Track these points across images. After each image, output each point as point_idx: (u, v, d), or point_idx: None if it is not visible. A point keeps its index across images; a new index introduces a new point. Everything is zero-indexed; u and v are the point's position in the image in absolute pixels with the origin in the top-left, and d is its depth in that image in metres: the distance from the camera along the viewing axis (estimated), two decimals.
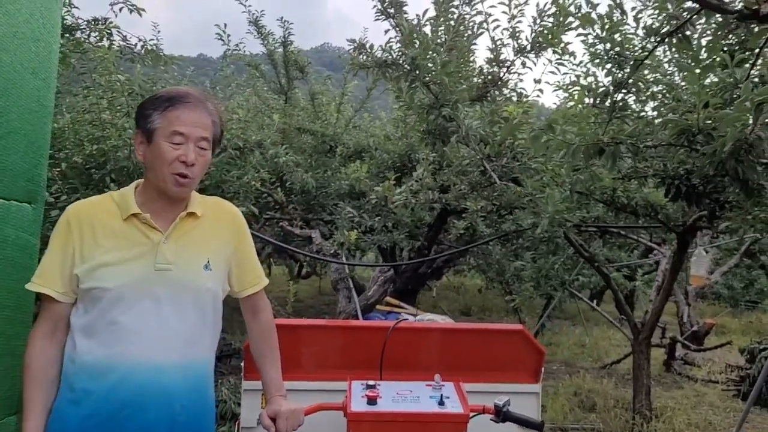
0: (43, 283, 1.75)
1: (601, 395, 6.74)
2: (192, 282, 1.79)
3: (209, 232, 1.88)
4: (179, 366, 1.75)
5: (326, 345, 2.37)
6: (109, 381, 1.68)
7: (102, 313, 1.71)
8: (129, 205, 1.79)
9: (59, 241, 1.77)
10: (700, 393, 7.28)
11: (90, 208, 1.81)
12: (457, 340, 2.41)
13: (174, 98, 1.76)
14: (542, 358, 2.44)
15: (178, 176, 1.76)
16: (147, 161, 1.79)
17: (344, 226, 6.49)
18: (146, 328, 1.71)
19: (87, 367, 1.70)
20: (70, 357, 1.74)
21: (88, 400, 1.69)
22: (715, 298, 15.13)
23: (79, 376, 1.70)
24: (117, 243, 1.75)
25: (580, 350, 9.60)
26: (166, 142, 1.74)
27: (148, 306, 1.72)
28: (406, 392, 2.12)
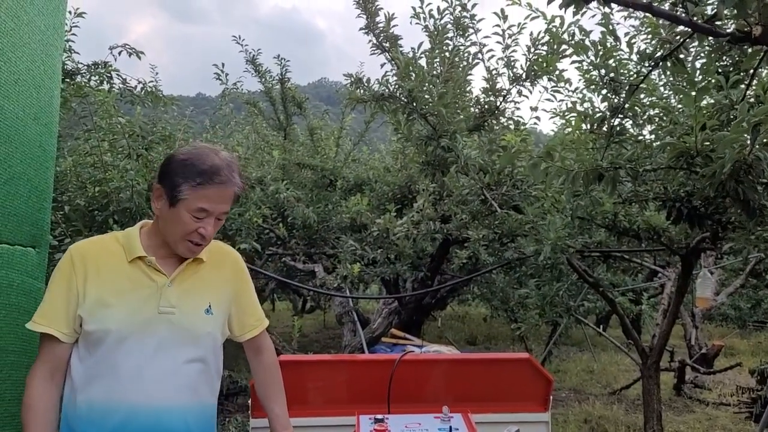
0: (47, 323, 1.73)
1: (612, 422, 6.65)
2: (193, 326, 1.80)
3: (211, 276, 1.89)
4: (181, 409, 1.75)
5: (332, 380, 2.35)
6: (110, 425, 1.68)
7: (104, 355, 1.70)
8: (134, 247, 1.79)
9: (63, 280, 1.75)
10: (712, 416, 7.18)
11: (94, 247, 1.80)
12: (463, 370, 2.39)
13: (206, 175, 1.75)
14: (550, 386, 2.42)
15: (192, 243, 1.80)
16: (163, 218, 1.80)
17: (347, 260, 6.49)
18: (148, 371, 1.72)
19: (88, 410, 1.69)
20: (70, 399, 1.72)
21: None
22: (723, 319, 15.00)
23: (80, 419, 1.69)
24: (121, 285, 1.75)
25: (588, 376, 9.50)
26: (188, 214, 1.76)
27: (150, 349, 1.73)
28: (414, 425, 2.10)
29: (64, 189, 5.71)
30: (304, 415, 2.30)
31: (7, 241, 3.02)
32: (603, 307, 10.03)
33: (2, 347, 3.01)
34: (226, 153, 1.84)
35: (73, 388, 1.73)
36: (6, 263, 3.01)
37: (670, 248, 5.34)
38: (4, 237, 2.98)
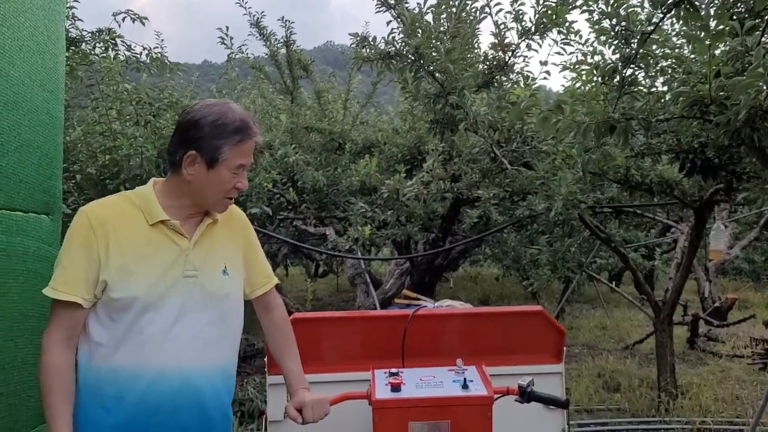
0: (68, 290, 1.70)
1: (625, 375, 6.70)
2: (213, 287, 1.81)
3: (223, 236, 1.91)
4: (207, 370, 1.78)
5: (346, 336, 2.37)
6: (140, 387, 1.70)
7: (129, 321, 1.70)
8: (156, 211, 1.78)
9: (82, 245, 1.71)
10: (726, 368, 7.21)
11: (111, 211, 1.76)
12: (476, 324, 2.40)
13: (241, 131, 1.77)
14: (563, 338, 2.43)
15: (229, 200, 1.84)
16: (199, 182, 1.78)
17: (357, 222, 6.50)
18: (173, 334, 1.73)
19: (114, 375, 1.70)
20: (90, 364, 1.73)
21: (120, 406, 1.70)
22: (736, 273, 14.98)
23: (108, 383, 1.70)
24: (145, 250, 1.74)
25: (601, 332, 9.55)
26: (228, 172, 1.77)
27: (176, 312, 1.74)
28: (429, 378, 2.12)
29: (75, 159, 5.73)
30: (318, 371, 2.32)
31: (21, 208, 3.05)
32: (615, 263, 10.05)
33: (23, 313, 3.06)
34: (233, 103, 1.84)
35: (94, 352, 1.73)
36: (21, 230, 3.03)
37: (683, 201, 5.30)
38: (17, 204, 3.00)
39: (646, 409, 5.65)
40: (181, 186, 1.80)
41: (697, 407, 5.59)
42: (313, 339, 2.35)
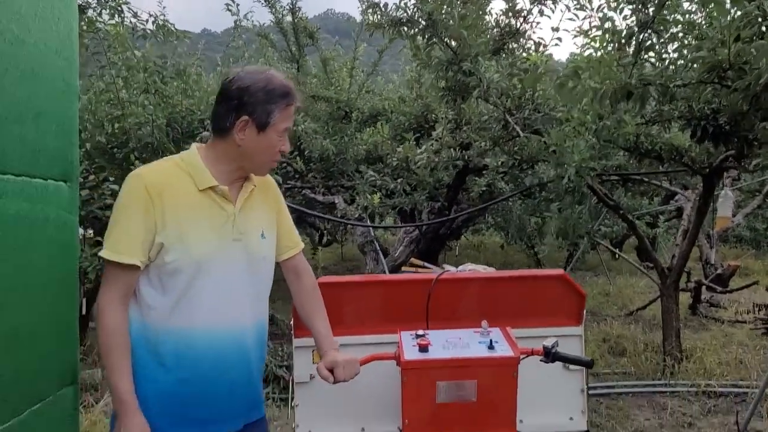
0: (127, 252, 1.74)
1: (630, 340, 6.79)
2: (255, 251, 1.89)
3: (260, 201, 1.97)
4: (251, 326, 1.89)
5: (372, 300, 2.42)
6: (197, 345, 1.78)
7: (185, 283, 1.76)
8: (206, 177, 1.83)
9: (138, 209, 1.75)
10: (729, 334, 7.31)
11: (164, 177, 1.80)
12: (499, 288, 2.45)
13: (288, 96, 1.85)
14: (584, 301, 2.48)
15: (274, 162, 1.91)
16: (249, 146, 1.84)
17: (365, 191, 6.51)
18: (226, 294, 1.81)
19: (174, 334, 1.77)
20: (144, 325, 1.79)
21: (178, 364, 1.78)
22: (737, 241, 15.06)
23: (165, 343, 1.78)
24: (197, 215, 1.80)
25: (604, 299, 9.65)
26: (276, 135, 1.85)
27: (226, 274, 1.81)
28: (455, 339, 2.17)
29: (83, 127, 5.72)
30: (345, 334, 2.37)
31: (41, 176, 3.07)
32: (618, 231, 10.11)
33: (44, 282, 3.10)
34: (273, 69, 1.91)
35: (147, 314, 1.79)
36: (41, 198, 3.06)
37: (692, 168, 5.32)
38: (37, 172, 3.01)
39: (651, 373, 5.75)
40: (228, 151, 1.85)
41: (701, 371, 5.68)
42: (339, 302, 2.39)
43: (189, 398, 1.80)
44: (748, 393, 5.15)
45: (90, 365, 5.43)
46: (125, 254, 1.74)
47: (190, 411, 1.80)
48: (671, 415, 4.93)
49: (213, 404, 1.83)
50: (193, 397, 1.80)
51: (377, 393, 2.34)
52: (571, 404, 2.49)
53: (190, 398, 1.80)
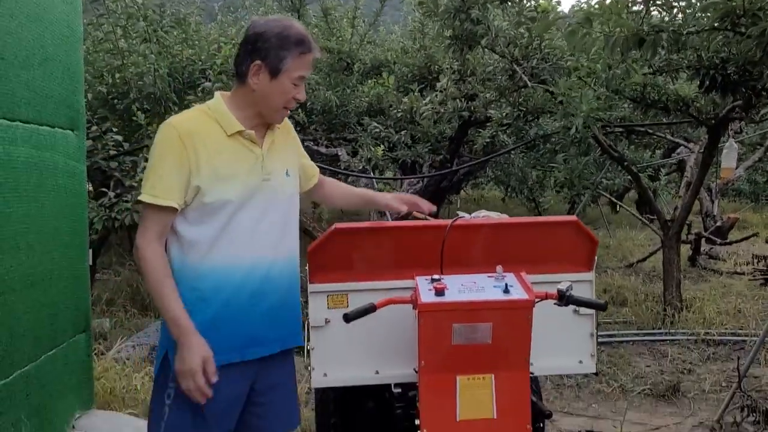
0: (166, 196, 1.83)
1: (631, 291, 6.89)
2: (282, 188, 2.02)
3: (282, 141, 2.08)
4: (283, 258, 2.03)
5: (386, 247, 2.43)
6: (235, 279, 1.91)
7: (224, 221, 1.88)
8: (233, 123, 1.92)
9: (174, 156, 1.84)
10: (727, 285, 7.42)
11: (195, 123, 1.89)
12: (512, 234, 2.46)
13: (304, 44, 1.90)
14: (595, 247, 2.50)
15: (286, 110, 1.97)
16: (262, 91, 1.91)
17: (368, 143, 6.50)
18: (259, 231, 1.94)
19: (213, 269, 1.89)
20: (186, 262, 1.89)
21: (217, 297, 1.90)
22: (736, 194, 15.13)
23: (205, 278, 1.89)
24: (229, 158, 1.90)
25: (604, 251, 9.73)
26: (289, 82, 1.90)
27: (259, 213, 1.94)
28: (470, 284, 2.19)
29: None
30: (359, 279, 2.39)
31: (48, 123, 3.06)
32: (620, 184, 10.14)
33: (56, 228, 3.13)
34: (294, 19, 1.99)
35: (188, 251, 1.89)
36: (49, 145, 3.06)
37: (698, 119, 5.30)
38: (44, 119, 3.01)
39: (651, 322, 5.85)
40: (247, 97, 1.94)
41: (701, 320, 5.79)
42: (353, 249, 2.41)
43: (227, 328, 1.91)
44: (746, 341, 5.26)
45: (99, 314, 5.51)
46: (161, 197, 1.83)
47: (227, 339, 1.91)
48: (671, 362, 5.04)
49: (249, 331, 1.95)
50: (231, 327, 1.91)
51: (391, 337, 2.38)
52: (580, 348, 2.53)
53: (228, 328, 1.91)
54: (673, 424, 4.02)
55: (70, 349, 3.14)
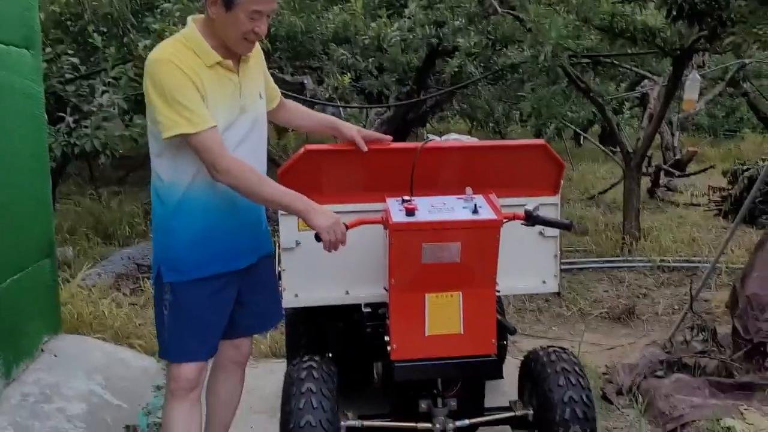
0: (205, 119, 1.89)
1: (592, 221, 7.07)
2: (257, 112, 2.11)
3: (253, 66, 2.12)
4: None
5: (356, 169, 2.43)
6: (220, 197, 2.04)
7: None
8: (210, 54, 1.95)
9: (187, 85, 1.88)
10: (684, 215, 7.66)
11: (182, 55, 1.91)
12: (482, 157, 2.48)
13: None
14: (562, 171, 2.54)
15: (248, 42, 1.98)
16: (220, 22, 1.92)
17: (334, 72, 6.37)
18: (239, 154, 2.00)
19: (201, 190, 2.02)
20: (177, 184, 2.02)
21: (207, 214, 2.05)
22: (695, 129, 15.42)
23: (194, 199, 2.02)
24: (212, 86, 1.94)
25: (567, 183, 9.87)
26: (245, 15, 1.89)
27: (240, 137, 2.03)
28: (440, 205, 2.22)
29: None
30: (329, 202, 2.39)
31: (2, 40, 2.91)
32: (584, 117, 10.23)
33: (16, 151, 3.04)
34: None
35: (176, 175, 2.00)
36: (4, 64, 2.93)
37: (663, 50, 5.33)
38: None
39: (611, 250, 6.04)
40: (211, 26, 1.96)
41: (657, 248, 6.00)
42: (323, 171, 2.41)
43: (217, 241, 2.04)
44: (699, 267, 5.48)
45: (61, 243, 5.43)
46: (202, 122, 1.88)
47: (218, 251, 2.05)
48: (628, 287, 5.25)
49: (235, 243, 2.08)
50: (220, 240, 2.05)
51: (362, 258, 2.41)
52: (545, 269, 2.61)
53: (217, 241, 2.04)
54: (627, 344, 4.22)
55: (35, 274, 3.11)
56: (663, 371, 3.57)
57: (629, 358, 3.75)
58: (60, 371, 3.00)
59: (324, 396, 2.18)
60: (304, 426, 2.12)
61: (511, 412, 2.44)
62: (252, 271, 2.19)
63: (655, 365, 3.62)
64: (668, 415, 3.08)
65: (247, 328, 2.28)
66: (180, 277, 2.02)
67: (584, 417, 2.26)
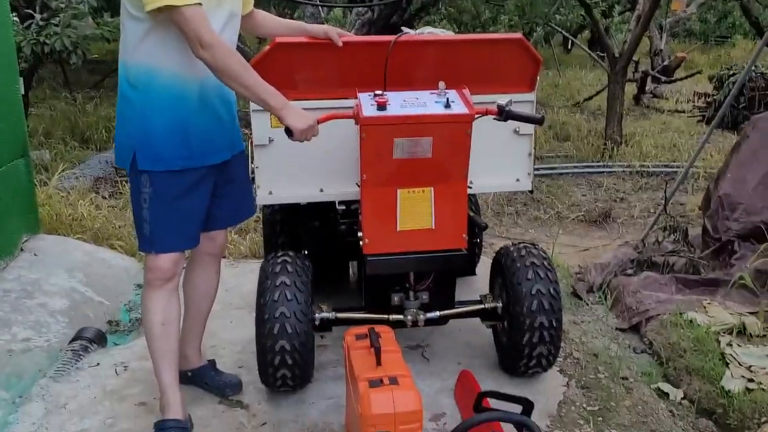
0: None
1: (575, 127, 7.06)
2: (233, 6, 2.08)
3: None
4: None
5: (328, 63, 2.37)
6: (194, 89, 2.03)
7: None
8: None
9: None
10: (667, 122, 7.66)
11: None
12: (457, 51, 2.41)
13: None
14: (539, 66, 2.49)
15: None
16: None
17: None
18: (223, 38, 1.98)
19: (175, 79, 2.00)
20: (156, 73, 1.99)
21: (185, 104, 2.03)
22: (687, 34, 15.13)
23: (170, 87, 2.01)
24: None
25: (553, 90, 9.80)
26: None
27: (218, 28, 1.97)
28: (413, 99, 2.19)
29: None
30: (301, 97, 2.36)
31: None
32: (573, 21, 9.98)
33: None
34: None
35: (154, 62, 1.97)
36: None
37: None
38: None
39: (591, 156, 6.07)
40: None
41: (637, 153, 6.03)
42: (296, 65, 2.35)
43: (196, 136, 2.05)
44: (677, 172, 5.53)
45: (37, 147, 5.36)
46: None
47: (197, 146, 2.06)
48: (606, 191, 5.31)
49: (207, 139, 2.08)
50: (192, 133, 2.04)
51: (335, 155, 2.40)
52: (519, 167, 2.61)
53: (196, 136, 2.05)
54: (601, 245, 4.33)
55: (9, 174, 3.09)
56: (633, 269, 3.69)
57: (602, 259, 3.85)
58: (41, 269, 3.04)
59: (298, 288, 2.23)
60: (278, 317, 2.18)
61: (481, 305, 2.51)
62: (226, 167, 2.20)
63: (626, 264, 3.73)
64: (634, 309, 3.21)
65: (221, 220, 2.30)
66: (157, 166, 2.01)
67: (550, 308, 2.32)
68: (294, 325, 2.18)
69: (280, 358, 2.20)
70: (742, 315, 3.00)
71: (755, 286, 3.17)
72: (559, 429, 2.24)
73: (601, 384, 2.51)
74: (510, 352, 2.45)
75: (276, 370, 2.23)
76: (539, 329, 2.32)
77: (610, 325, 3.13)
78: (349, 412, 2.06)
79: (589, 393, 2.46)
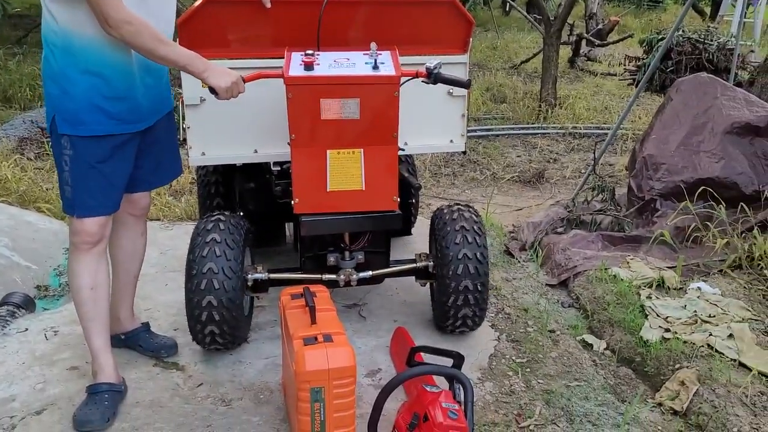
0: None
1: (511, 89, 7.16)
2: None
3: None
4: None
5: (259, 22, 2.33)
6: (122, 55, 1.97)
7: None
8: None
9: None
10: (600, 85, 7.86)
11: None
12: (390, 12, 2.40)
13: None
14: (471, 28, 2.51)
15: None
16: None
17: None
18: (147, 7, 1.95)
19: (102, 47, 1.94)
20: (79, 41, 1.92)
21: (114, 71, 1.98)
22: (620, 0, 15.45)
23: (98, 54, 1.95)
24: None
25: (491, 53, 9.88)
26: None
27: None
28: (343, 60, 2.18)
29: None
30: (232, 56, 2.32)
31: None
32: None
33: None
34: None
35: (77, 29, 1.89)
36: None
37: None
38: None
39: (527, 118, 6.19)
40: None
41: (571, 116, 6.19)
42: (227, 23, 2.29)
43: (123, 102, 2.00)
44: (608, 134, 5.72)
45: None
46: None
47: (124, 113, 2.01)
48: (540, 152, 5.44)
49: (131, 107, 2.03)
50: (114, 99, 1.98)
51: (269, 115, 2.38)
52: (452, 128, 2.64)
53: (112, 100, 1.98)
54: (534, 205, 4.45)
55: None
56: (563, 228, 3.83)
57: (534, 218, 3.97)
58: None
59: (228, 246, 2.22)
60: (206, 272, 2.17)
61: (414, 264, 2.56)
62: (151, 129, 2.16)
63: (557, 223, 3.86)
64: (563, 266, 3.34)
65: (145, 183, 2.26)
66: (77, 131, 1.95)
67: (476, 272, 2.38)
68: (222, 281, 2.18)
69: (207, 314, 2.20)
70: (661, 269, 3.16)
71: (674, 241, 3.34)
72: (489, 380, 2.33)
73: (530, 337, 2.62)
74: (438, 312, 2.53)
75: (204, 327, 2.23)
76: (464, 292, 2.38)
77: (541, 281, 3.25)
78: (285, 371, 2.09)
79: (518, 346, 2.57)
